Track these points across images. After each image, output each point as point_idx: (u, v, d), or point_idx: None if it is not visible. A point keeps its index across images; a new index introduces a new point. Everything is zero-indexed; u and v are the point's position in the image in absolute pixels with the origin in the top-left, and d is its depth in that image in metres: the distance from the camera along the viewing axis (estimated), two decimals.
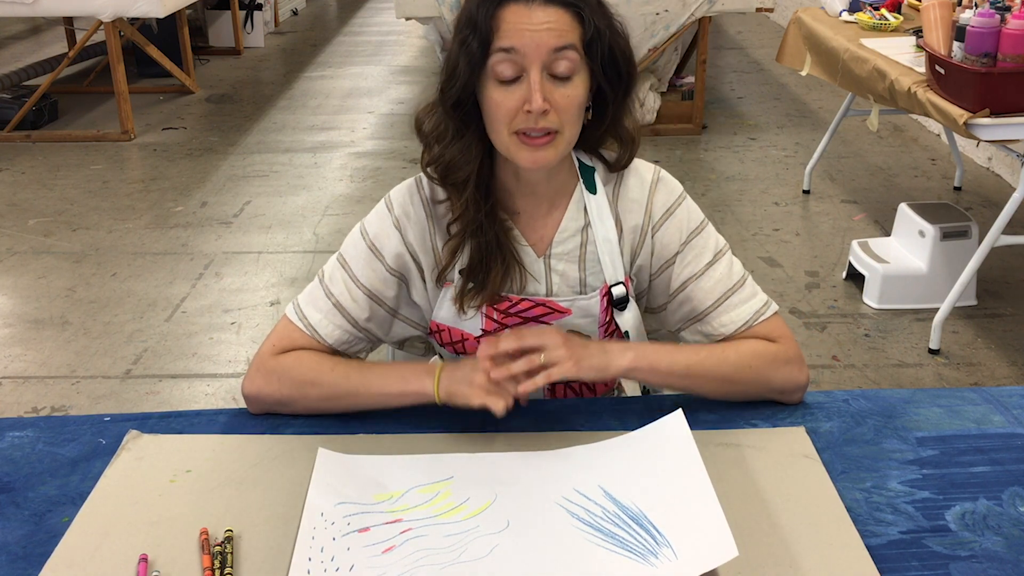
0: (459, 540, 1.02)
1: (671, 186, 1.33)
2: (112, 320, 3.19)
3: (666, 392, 1.36)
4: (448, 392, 1.19)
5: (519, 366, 1.16)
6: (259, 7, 7.13)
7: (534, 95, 1.15)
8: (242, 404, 1.30)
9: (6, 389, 2.80)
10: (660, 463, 1.11)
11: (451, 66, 1.19)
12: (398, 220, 1.29)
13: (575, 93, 1.18)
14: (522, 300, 1.29)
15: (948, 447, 1.19)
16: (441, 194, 1.29)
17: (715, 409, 1.26)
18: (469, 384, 1.17)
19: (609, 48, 1.19)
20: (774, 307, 1.31)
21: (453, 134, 1.24)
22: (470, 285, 1.27)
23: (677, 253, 1.30)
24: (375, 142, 5.00)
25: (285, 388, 1.24)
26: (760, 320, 1.29)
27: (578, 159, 1.32)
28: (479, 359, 1.18)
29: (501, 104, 1.17)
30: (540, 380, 1.16)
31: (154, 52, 5.52)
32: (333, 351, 1.31)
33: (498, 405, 1.15)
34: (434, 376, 1.20)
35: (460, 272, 1.28)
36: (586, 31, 1.17)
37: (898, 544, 1.03)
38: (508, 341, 1.17)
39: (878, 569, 0.98)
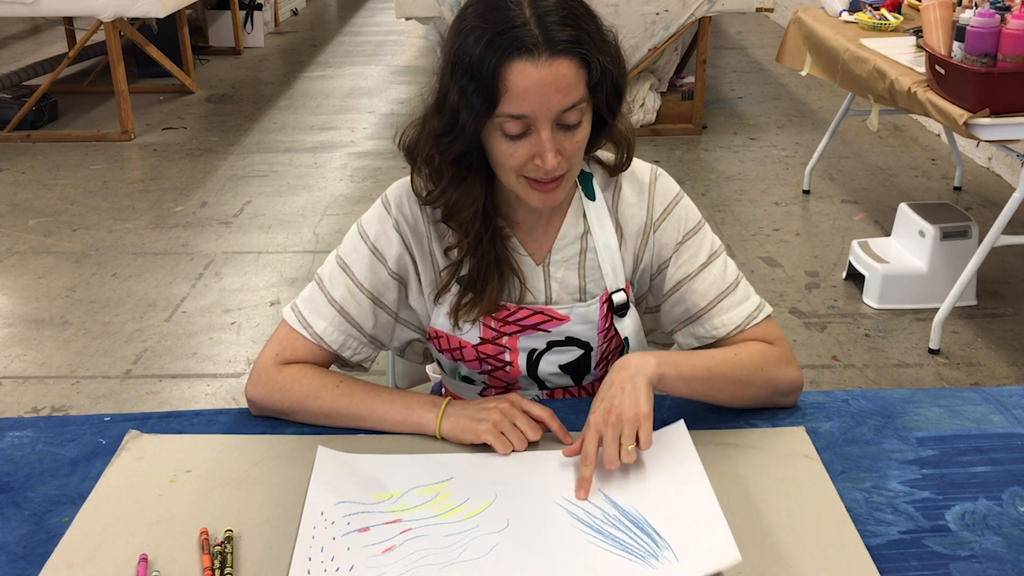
0: (459, 540, 1.02)
1: (669, 185, 1.32)
2: (112, 320, 3.19)
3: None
4: (452, 428, 1.20)
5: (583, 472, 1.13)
6: (259, 7, 7.13)
7: (547, 156, 1.12)
8: (241, 404, 1.30)
9: (6, 389, 2.80)
10: (662, 470, 1.11)
11: (450, 115, 1.14)
12: (397, 222, 1.28)
13: (583, 137, 1.16)
14: (520, 309, 1.29)
15: (948, 447, 1.19)
16: None
17: (715, 409, 1.26)
18: (479, 422, 1.18)
19: (612, 82, 1.17)
20: (767, 310, 1.30)
21: (451, 178, 1.21)
22: (465, 299, 1.26)
23: (672, 253, 1.30)
24: (375, 142, 5.00)
25: (287, 402, 1.25)
26: (752, 324, 1.28)
27: None
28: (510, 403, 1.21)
29: (511, 155, 1.15)
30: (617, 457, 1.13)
31: (154, 52, 5.52)
32: (338, 358, 1.31)
33: (506, 448, 1.17)
34: (438, 411, 1.21)
35: (458, 281, 1.28)
36: (592, 76, 1.13)
37: (898, 544, 1.03)
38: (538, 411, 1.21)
39: (878, 569, 0.98)
